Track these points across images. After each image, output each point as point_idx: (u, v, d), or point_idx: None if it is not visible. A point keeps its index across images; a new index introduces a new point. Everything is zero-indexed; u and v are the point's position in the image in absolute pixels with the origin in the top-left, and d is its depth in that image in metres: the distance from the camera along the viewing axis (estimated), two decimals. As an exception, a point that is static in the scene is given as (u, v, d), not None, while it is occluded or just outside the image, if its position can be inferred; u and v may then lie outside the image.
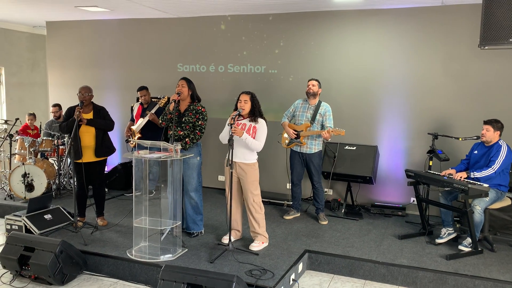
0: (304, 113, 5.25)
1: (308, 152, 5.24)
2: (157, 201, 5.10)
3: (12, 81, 8.57)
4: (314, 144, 5.24)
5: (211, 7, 6.08)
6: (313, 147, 5.24)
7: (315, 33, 6.19)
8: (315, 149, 5.25)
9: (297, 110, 5.33)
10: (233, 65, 6.72)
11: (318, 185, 5.35)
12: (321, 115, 5.17)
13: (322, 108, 5.18)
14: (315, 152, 5.25)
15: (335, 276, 4.31)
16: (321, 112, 5.18)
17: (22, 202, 5.91)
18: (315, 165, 5.27)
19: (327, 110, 5.18)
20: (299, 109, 5.31)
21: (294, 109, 5.37)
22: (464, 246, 4.46)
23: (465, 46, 5.47)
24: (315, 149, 5.25)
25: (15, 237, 4.14)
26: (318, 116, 5.17)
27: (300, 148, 5.27)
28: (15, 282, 4.05)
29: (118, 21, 7.40)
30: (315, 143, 5.24)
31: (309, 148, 5.24)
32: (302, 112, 5.27)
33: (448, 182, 4.42)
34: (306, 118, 5.23)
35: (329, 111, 5.19)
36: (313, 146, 5.24)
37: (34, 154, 6.25)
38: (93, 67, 7.69)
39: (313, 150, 5.24)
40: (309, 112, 5.23)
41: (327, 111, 5.18)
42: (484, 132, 4.62)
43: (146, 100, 6.19)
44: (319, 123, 5.20)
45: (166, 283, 3.46)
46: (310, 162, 5.26)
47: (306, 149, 5.24)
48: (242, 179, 4.37)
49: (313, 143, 5.23)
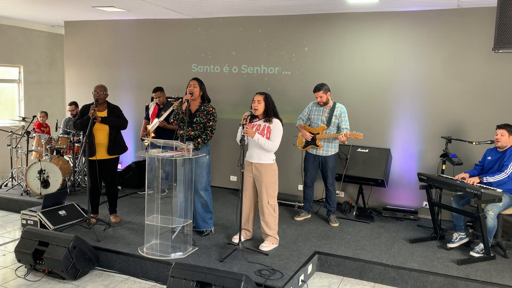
0: (320, 116, 5.24)
1: (325, 154, 5.24)
2: (169, 200, 5.15)
3: (30, 79, 8.74)
4: (331, 147, 5.23)
5: (225, 8, 6.13)
6: (330, 150, 5.23)
7: (330, 35, 6.19)
8: (331, 151, 5.24)
9: (312, 113, 5.32)
10: (247, 66, 6.75)
11: (332, 187, 5.34)
12: (336, 117, 5.17)
13: (337, 110, 5.17)
14: (332, 155, 5.24)
15: (344, 278, 4.31)
16: (336, 114, 5.17)
17: (38, 198, 6.02)
18: (330, 167, 5.26)
19: (342, 112, 5.17)
20: (313, 112, 5.30)
21: (308, 112, 5.37)
22: (475, 252, 4.41)
23: (480, 50, 5.42)
24: (331, 151, 5.24)
25: (30, 232, 4.24)
26: (333, 119, 5.17)
27: (316, 150, 5.26)
28: (30, 276, 4.14)
29: (134, 21, 7.50)
30: (331, 145, 5.23)
31: (325, 150, 5.23)
32: (317, 116, 5.26)
33: (460, 186, 4.38)
34: (321, 121, 5.22)
35: (344, 113, 5.18)
36: (330, 148, 5.23)
37: (50, 151, 6.37)
38: (109, 66, 7.81)
39: (329, 153, 5.23)
40: (324, 115, 5.22)
41: (343, 113, 5.17)
42: (498, 137, 4.57)
43: (161, 101, 6.26)
44: (335, 125, 5.19)
45: (175, 280, 3.50)
46: (326, 164, 5.25)
47: (323, 152, 5.24)
48: (257, 180, 4.39)
49: (329, 146, 5.23)
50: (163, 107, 6.19)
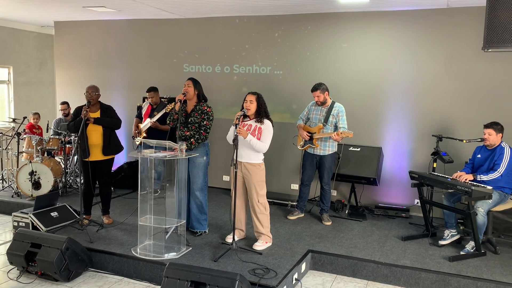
0: (318, 116, 5.28)
1: (322, 153, 5.27)
2: (162, 200, 5.14)
3: (20, 80, 8.67)
4: (328, 146, 5.26)
5: (217, 8, 6.13)
6: (327, 149, 5.26)
7: (321, 34, 6.22)
8: (328, 150, 5.27)
9: (311, 113, 5.36)
10: (239, 66, 6.76)
11: (327, 186, 5.37)
12: (334, 116, 5.19)
13: (335, 109, 5.20)
14: (329, 154, 5.27)
15: (338, 276, 4.34)
16: (334, 114, 5.19)
17: (29, 199, 5.98)
18: (326, 166, 5.29)
19: (339, 111, 5.20)
20: (312, 111, 5.35)
21: (308, 112, 5.41)
22: (466, 251, 4.46)
23: (470, 49, 5.48)
24: (328, 150, 5.27)
25: (22, 234, 4.21)
26: (331, 118, 5.20)
27: (314, 150, 5.30)
28: (22, 278, 4.11)
29: (125, 21, 7.47)
30: (328, 144, 5.26)
31: (322, 150, 5.26)
32: (315, 115, 5.30)
33: (451, 184, 4.43)
34: (319, 120, 5.26)
35: (342, 112, 5.20)
36: (327, 147, 5.26)
37: (41, 152, 6.32)
38: (100, 66, 7.77)
39: (326, 152, 5.26)
40: (322, 114, 5.26)
41: (340, 112, 5.20)
42: (486, 136, 4.63)
43: (155, 101, 6.24)
44: (333, 124, 5.22)
45: (170, 280, 3.50)
46: (322, 163, 5.28)
47: (320, 151, 5.27)
48: (247, 179, 4.41)
49: (326, 145, 5.26)
50: (156, 108, 6.17)
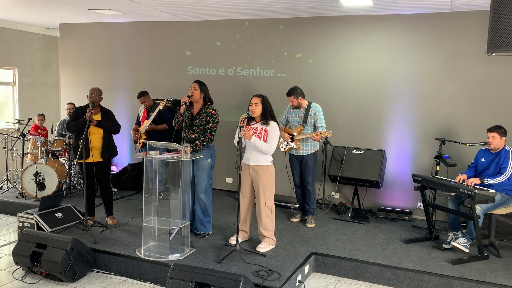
0: (296, 117, 5.33)
1: (304, 153, 5.30)
2: (166, 202, 5.16)
3: (25, 81, 8.72)
4: (310, 145, 5.29)
5: (221, 11, 6.16)
6: (309, 148, 5.29)
7: (325, 37, 6.24)
8: (310, 149, 5.30)
9: (289, 115, 5.42)
10: (242, 69, 6.79)
11: (311, 187, 5.37)
12: (312, 116, 5.25)
13: (312, 110, 5.25)
14: (311, 153, 5.30)
15: (341, 278, 4.35)
16: (311, 114, 5.25)
17: (34, 200, 6.01)
18: (310, 166, 5.31)
19: (317, 111, 5.25)
20: (291, 114, 5.40)
21: (286, 115, 5.46)
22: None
23: (473, 52, 5.49)
24: (310, 149, 5.30)
25: (27, 234, 4.23)
26: (309, 118, 5.25)
27: (296, 151, 5.33)
28: (27, 278, 4.14)
29: (130, 23, 7.51)
30: (310, 144, 5.29)
31: (304, 150, 5.29)
32: (294, 117, 5.35)
33: (454, 187, 4.44)
34: (298, 122, 5.31)
35: (319, 111, 5.25)
36: (309, 147, 5.29)
37: (46, 153, 6.36)
38: (105, 68, 7.81)
39: (309, 151, 5.29)
40: (300, 116, 5.30)
41: (317, 112, 5.24)
42: (490, 140, 4.64)
43: (148, 104, 6.27)
44: (311, 124, 5.26)
45: (174, 281, 3.52)
46: (305, 163, 5.31)
47: (302, 151, 5.30)
48: (255, 181, 4.43)
49: (308, 145, 5.29)
50: (151, 109, 6.21)
